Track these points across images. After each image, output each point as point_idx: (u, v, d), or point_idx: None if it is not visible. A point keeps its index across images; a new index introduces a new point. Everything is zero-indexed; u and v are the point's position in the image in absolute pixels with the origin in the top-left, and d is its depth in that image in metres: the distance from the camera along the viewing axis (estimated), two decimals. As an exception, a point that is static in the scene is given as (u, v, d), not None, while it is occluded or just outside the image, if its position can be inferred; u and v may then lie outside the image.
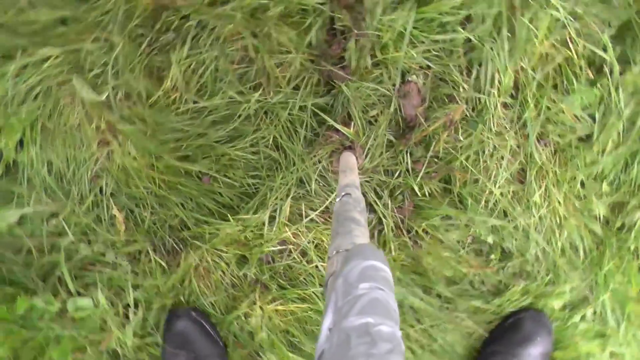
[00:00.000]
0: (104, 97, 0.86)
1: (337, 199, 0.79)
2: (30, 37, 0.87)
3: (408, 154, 0.97)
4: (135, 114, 0.91)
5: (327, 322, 0.50)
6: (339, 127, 0.95)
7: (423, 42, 0.94)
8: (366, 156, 0.97)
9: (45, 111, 0.83)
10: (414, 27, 0.93)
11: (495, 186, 0.98)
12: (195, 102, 0.96)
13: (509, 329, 0.99)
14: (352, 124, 0.97)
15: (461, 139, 0.96)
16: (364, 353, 0.42)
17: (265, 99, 0.97)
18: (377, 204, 0.98)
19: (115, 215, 0.91)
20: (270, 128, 0.98)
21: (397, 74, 0.95)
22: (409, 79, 0.96)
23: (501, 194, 0.98)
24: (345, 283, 0.52)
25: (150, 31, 0.94)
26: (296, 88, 0.98)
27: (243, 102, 0.97)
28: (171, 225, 0.97)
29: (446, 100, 0.97)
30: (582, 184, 0.97)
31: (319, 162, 0.98)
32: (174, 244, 0.98)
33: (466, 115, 0.96)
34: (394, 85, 0.96)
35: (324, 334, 0.49)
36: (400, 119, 0.98)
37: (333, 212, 0.77)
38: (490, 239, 0.99)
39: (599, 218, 1.00)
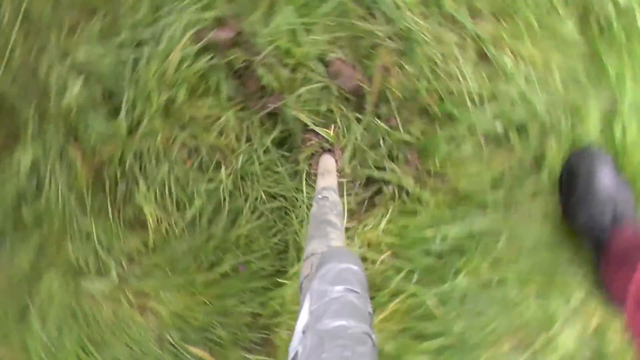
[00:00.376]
0: (115, 277, 0.88)
1: (314, 202, 0.78)
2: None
3: (377, 119, 0.96)
4: (147, 267, 0.92)
5: (301, 323, 0.50)
6: (318, 129, 0.95)
7: (316, 23, 0.91)
8: (347, 154, 0.96)
9: (84, 329, 0.86)
10: (299, 17, 0.90)
11: (467, 81, 0.95)
12: (183, 218, 0.97)
13: (569, 180, 0.97)
14: (332, 126, 0.96)
15: (409, 69, 0.94)
16: (338, 356, 0.42)
17: (232, 169, 0.97)
18: (392, 171, 0.97)
19: (201, 357, 0.93)
20: (255, 187, 0.98)
21: (316, 63, 0.93)
22: (330, 59, 0.94)
23: (477, 84, 0.95)
24: (320, 285, 0.52)
25: (105, 195, 0.95)
26: (249, 139, 0.98)
27: (218, 185, 0.97)
28: (247, 323, 1.00)
29: (372, 50, 0.94)
30: (539, 24, 0.94)
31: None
32: (262, 336, 1.00)
33: (399, 49, 0.94)
34: (321, 75, 0.94)
35: (298, 336, 0.49)
36: (349, 95, 0.96)
37: (310, 215, 0.77)
38: (499, 127, 0.97)
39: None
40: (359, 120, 0.96)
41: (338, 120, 0.96)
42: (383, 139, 0.96)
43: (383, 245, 0.96)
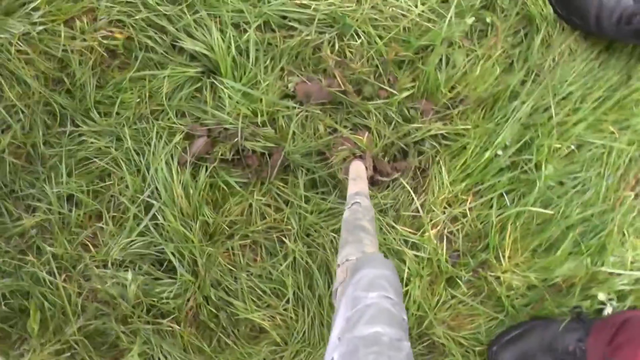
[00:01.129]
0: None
1: (346, 208, 0.78)
2: None
3: (367, 101, 0.94)
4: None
5: (337, 330, 0.50)
6: (350, 136, 0.94)
7: (255, 75, 0.91)
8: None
9: None
10: (239, 82, 0.90)
11: (414, 8, 0.91)
12: (288, 301, 0.99)
13: None
14: (366, 133, 0.95)
15: (357, 42, 0.92)
16: None
17: (294, 234, 0.98)
18: (417, 129, 0.94)
19: None
20: (323, 233, 0.98)
21: (285, 101, 0.93)
22: (292, 89, 0.93)
23: (424, 4, 0.91)
24: (354, 292, 0.52)
25: (215, 332, 0.98)
26: (286, 202, 0.98)
27: (293, 255, 0.98)
28: None
29: (317, 53, 0.93)
30: None
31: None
32: None
33: (336, 34, 0.92)
34: (296, 107, 0.93)
35: (333, 343, 0.48)
36: (337, 104, 0.95)
37: (342, 221, 0.77)
38: (470, 20, 0.92)
39: None
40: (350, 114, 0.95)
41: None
42: (386, 112, 0.94)
43: (461, 195, 0.94)
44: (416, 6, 0.92)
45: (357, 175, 0.89)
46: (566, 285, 0.94)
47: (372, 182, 0.95)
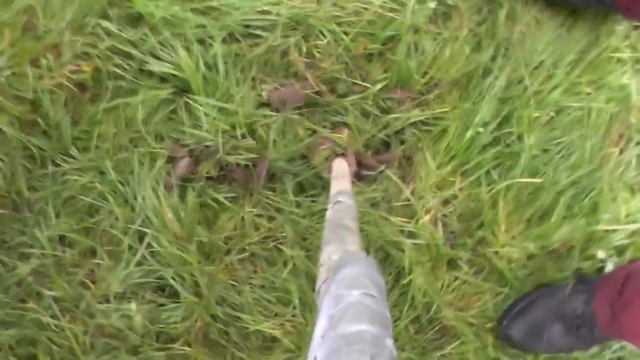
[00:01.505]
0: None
1: (329, 206, 0.78)
2: None
3: (343, 98, 0.94)
4: None
5: (320, 329, 0.49)
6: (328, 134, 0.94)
7: (227, 89, 0.91)
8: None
9: None
10: (212, 98, 0.90)
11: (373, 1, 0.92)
12: (295, 307, 0.99)
13: None
14: (345, 130, 0.95)
15: (325, 42, 0.92)
16: None
17: (290, 241, 0.98)
18: (396, 119, 0.95)
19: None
20: (319, 235, 0.98)
21: (261, 110, 0.93)
22: (267, 97, 0.93)
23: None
24: (337, 290, 0.52)
25: (227, 349, 0.98)
26: (278, 210, 0.98)
27: (293, 262, 0.98)
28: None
29: (285, 57, 0.93)
30: None
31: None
32: None
33: (302, 36, 0.92)
34: (273, 115, 0.93)
35: (316, 341, 0.48)
36: (313, 105, 0.95)
37: (325, 220, 0.76)
38: (432, 4, 0.93)
39: None
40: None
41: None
42: (363, 106, 0.94)
43: (448, 178, 0.94)
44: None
45: (340, 173, 0.89)
46: (565, 249, 0.95)
47: (359, 177, 0.96)
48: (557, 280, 0.94)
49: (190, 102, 0.92)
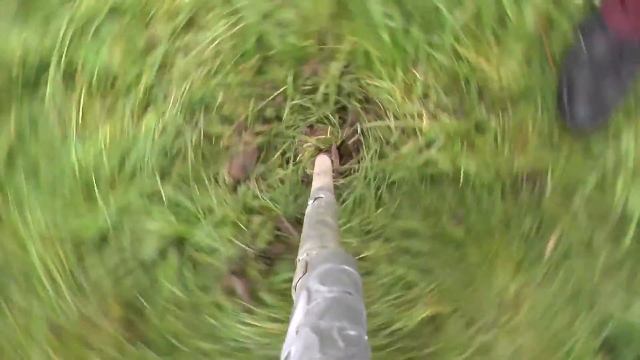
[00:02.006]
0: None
1: (310, 202, 0.77)
2: None
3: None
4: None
5: (295, 324, 0.48)
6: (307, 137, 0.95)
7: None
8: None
9: None
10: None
11: None
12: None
13: None
14: (328, 128, 0.95)
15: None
16: (331, 356, 0.42)
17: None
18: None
19: None
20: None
21: (235, 196, 0.93)
22: (226, 179, 0.92)
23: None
24: (314, 286, 0.51)
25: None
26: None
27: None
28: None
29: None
30: None
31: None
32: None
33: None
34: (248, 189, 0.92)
35: (291, 336, 0.47)
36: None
37: (305, 216, 0.75)
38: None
39: None
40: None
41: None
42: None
43: (411, 82, 0.90)
44: None
45: (321, 170, 0.89)
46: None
47: (341, 173, 0.96)
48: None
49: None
